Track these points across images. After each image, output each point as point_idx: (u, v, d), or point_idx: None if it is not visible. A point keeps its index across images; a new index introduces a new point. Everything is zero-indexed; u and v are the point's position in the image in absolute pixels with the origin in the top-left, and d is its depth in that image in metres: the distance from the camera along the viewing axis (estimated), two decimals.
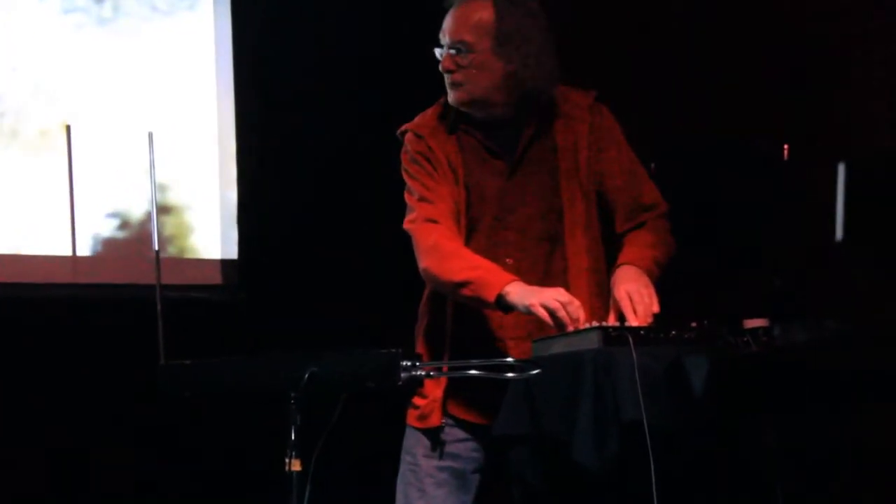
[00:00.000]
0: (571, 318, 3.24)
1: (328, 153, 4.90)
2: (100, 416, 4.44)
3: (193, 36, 4.86)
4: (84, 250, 4.66)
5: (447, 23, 3.55)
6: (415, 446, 3.62)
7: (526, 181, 3.58)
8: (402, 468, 3.64)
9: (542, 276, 3.51)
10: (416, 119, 3.68)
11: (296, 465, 2.89)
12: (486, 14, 3.51)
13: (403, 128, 3.68)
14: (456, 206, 3.55)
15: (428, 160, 3.59)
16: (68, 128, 4.60)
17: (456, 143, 3.60)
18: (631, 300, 3.33)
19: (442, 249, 3.48)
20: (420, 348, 3.58)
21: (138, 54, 4.75)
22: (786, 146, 3.90)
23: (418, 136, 3.62)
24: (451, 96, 3.57)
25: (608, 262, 3.57)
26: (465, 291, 3.40)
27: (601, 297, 3.52)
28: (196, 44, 4.86)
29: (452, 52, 3.53)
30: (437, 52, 3.57)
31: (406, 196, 3.61)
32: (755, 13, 4.33)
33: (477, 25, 3.51)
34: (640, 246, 3.53)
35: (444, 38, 3.55)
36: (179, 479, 4.59)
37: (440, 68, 3.56)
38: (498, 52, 3.51)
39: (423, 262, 3.51)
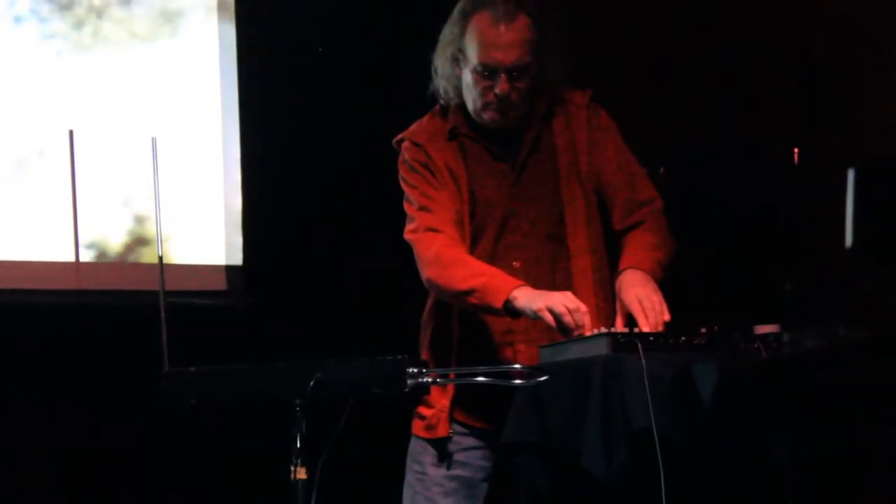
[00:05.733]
0: (576, 325, 3.21)
1: (333, 159, 4.89)
2: (103, 422, 4.43)
3: (198, 42, 4.84)
4: (87, 256, 4.64)
5: (492, 47, 3.42)
6: (422, 455, 3.59)
7: (530, 183, 3.56)
8: (409, 476, 3.62)
9: (549, 278, 3.49)
10: (412, 127, 3.64)
11: (301, 473, 2.88)
12: (531, 31, 3.44)
13: (399, 137, 3.64)
14: (458, 213, 3.53)
15: (427, 168, 3.56)
16: (71, 133, 4.58)
17: (456, 150, 3.57)
18: (641, 305, 3.30)
19: (444, 258, 3.45)
20: (426, 357, 3.56)
21: (144, 61, 4.73)
22: (796, 150, 3.89)
23: (416, 145, 3.59)
24: (500, 117, 3.48)
25: (610, 261, 3.55)
26: (472, 299, 3.37)
27: (605, 296, 3.51)
28: (200, 50, 4.84)
29: (509, 76, 3.43)
30: (483, 76, 3.44)
31: (405, 206, 3.59)
32: (766, 17, 4.32)
33: (529, 44, 3.44)
34: (642, 248, 3.50)
35: (498, 63, 3.42)
36: (184, 486, 4.57)
37: (496, 92, 3.43)
38: (537, 66, 3.48)
39: (426, 273, 3.48)
